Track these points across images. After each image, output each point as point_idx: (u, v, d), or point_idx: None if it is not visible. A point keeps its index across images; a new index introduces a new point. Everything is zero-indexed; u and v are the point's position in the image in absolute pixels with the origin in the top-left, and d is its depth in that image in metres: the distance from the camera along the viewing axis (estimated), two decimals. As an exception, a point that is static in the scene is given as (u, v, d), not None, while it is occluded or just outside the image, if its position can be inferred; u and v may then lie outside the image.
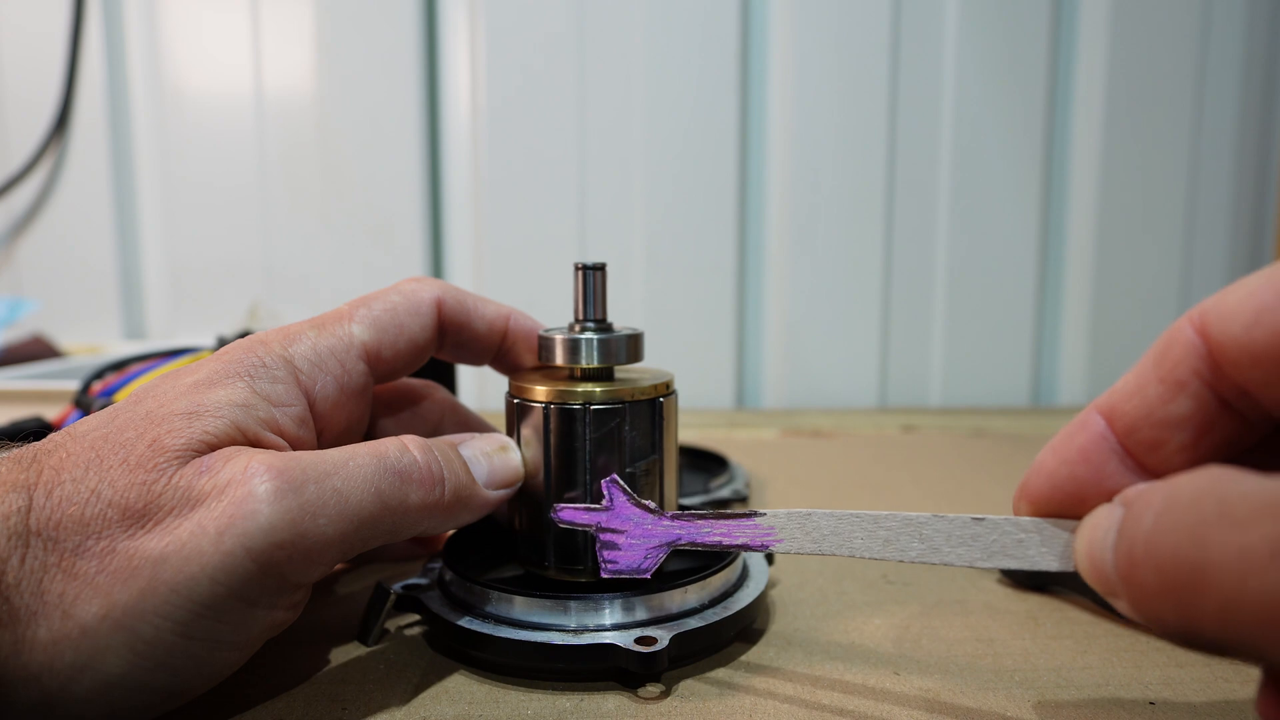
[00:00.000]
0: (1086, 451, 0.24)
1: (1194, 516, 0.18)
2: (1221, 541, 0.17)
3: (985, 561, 0.25)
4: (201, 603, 0.24)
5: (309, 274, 0.97)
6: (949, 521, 0.26)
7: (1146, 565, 0.19)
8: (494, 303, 0.37)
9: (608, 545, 0.31)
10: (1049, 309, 0.95)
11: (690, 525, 0.30)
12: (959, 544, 0.26)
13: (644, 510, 0.31)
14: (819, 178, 0.91)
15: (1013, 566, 0.25)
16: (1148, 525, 0.19)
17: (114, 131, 0.99)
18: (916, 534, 0.26)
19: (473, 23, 0.91)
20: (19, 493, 0.24)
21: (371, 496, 0.28)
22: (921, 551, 0.26)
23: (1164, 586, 0.19)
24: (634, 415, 0.33)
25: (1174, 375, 0.22)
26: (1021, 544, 0.25)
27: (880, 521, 0.27)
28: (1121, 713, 0.29)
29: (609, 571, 0.31)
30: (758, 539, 0.29)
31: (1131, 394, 0.23)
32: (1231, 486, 0.18)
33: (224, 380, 0.29)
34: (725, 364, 0.93)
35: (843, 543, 0.27)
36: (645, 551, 0.30)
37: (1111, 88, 0.90)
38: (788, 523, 0.28)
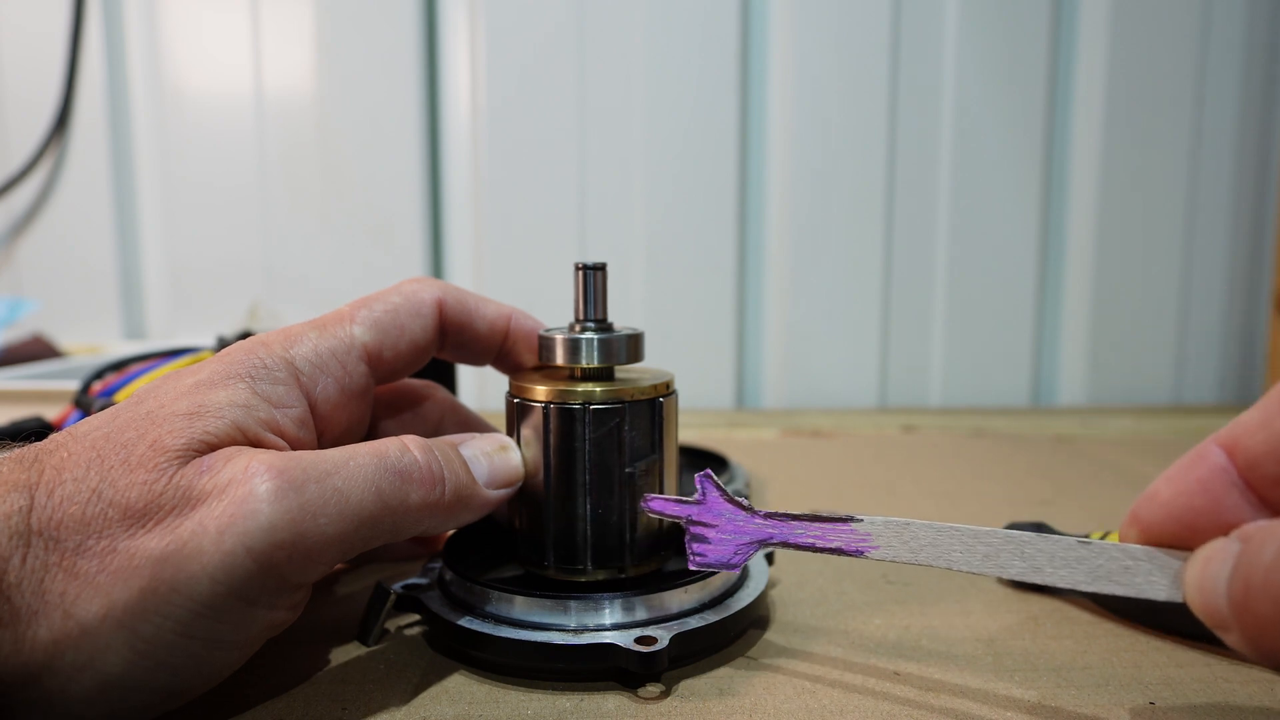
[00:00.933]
0: (1205, 483, 0.23)
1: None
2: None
3: (1089, 585, 0.25)
4: (202, 602, 0.24)
5: (309, 274, 0.97)
6: (1053, 543, 0.25)
7: (1265, 598, 0.19)
8: (495, 303, 0.36)
9: (697, 538, 0.31)
10: (1049, 309, 0.95)
11: (784, 525, 0.30)
12: (1062, 565, 0.25)
13: (737, 506, 0.31)
14: (819, 178, 0.91)
15: (1118, 593, 0.24)
16: (1268, 558, 0.19)
17: (114, 131, 0.99)
18: (1018, 552, 0.26)
19: (473, 23, 0.91)
20: (20, 492, 0.24)
21: (372, 496, 0.28)
22: (1023, 570, 0.26)
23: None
24: (634, 415, 0.33)
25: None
26: (1129, 570, 0.24)
27: (980, 537, 0.26)
28: (1121, 713, 0.29)
29: (697, 564, 0.31)
30: (853, 544, 0.28)
31: (1256, 428, 0.23)
32: None
33: (225, 381, 0.29)
34: (725, 364, 0.94)
35: (940, 554, 0.27)
36: (736, 547, 0.31)
37: (1111, 88, 0.90)
38: (884, 531, 0.28)
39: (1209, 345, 0.95)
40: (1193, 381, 0.95)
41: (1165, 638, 0.34)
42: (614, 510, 0.33)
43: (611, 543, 0.33)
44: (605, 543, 0.33)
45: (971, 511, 0.53)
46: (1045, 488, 0.58)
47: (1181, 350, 0.94)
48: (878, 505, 0.54)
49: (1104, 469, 0.62)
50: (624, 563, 0.34)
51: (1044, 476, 0.61)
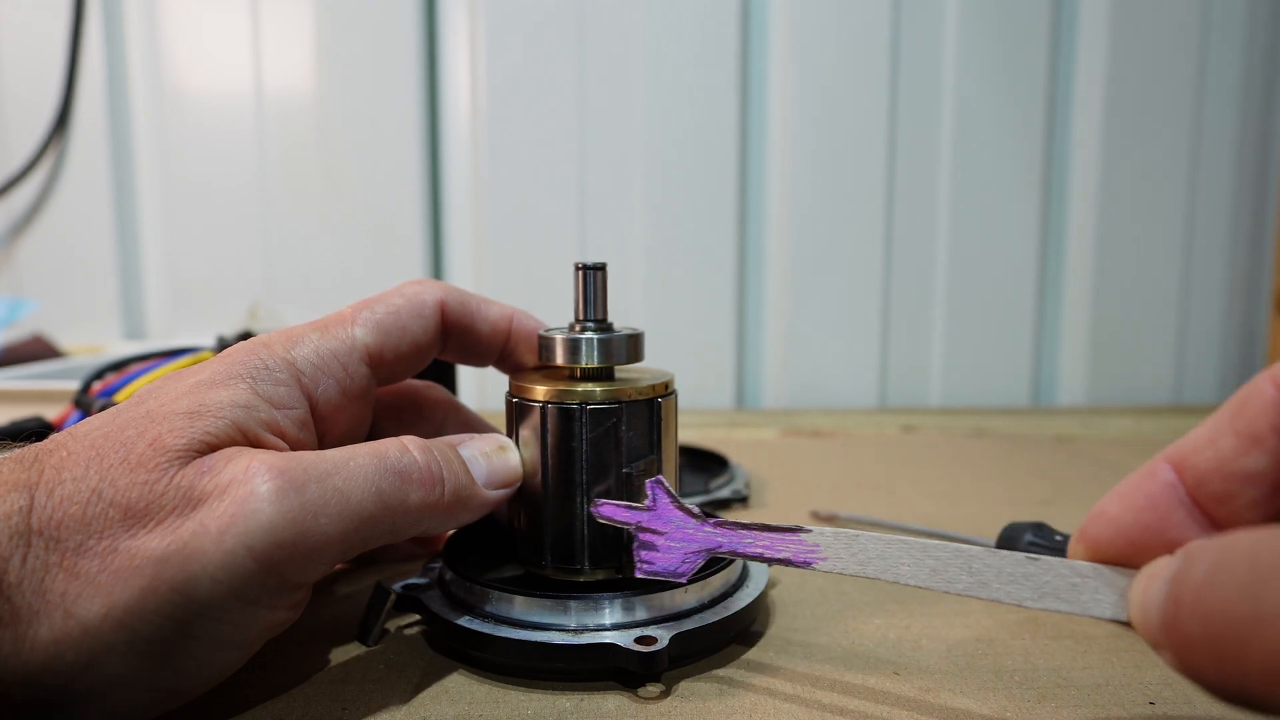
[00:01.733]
0: (1153, 499, 0.23)
1: (1249, 570, 0.18)
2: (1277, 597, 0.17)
3: (1035, 602, 0.25)
4: (203, 602, 0.24)
5: (309, 274, 0.97)
6: (1001, 558, 0.25)
7: (1193, 616, 0.19)
8: (497, 303, 0.36)
9: (646, 545, 0.31)
10: (1049, 309, 0.95)
11: (733, 534, 0.30)
12: (1009, 581, 0.25)
13: (686, 514, 0.31)
14: (819, 178, 0.91)
15: (1063, 610, 0.24)
16: (1198, 576, 0.19)
17: (114, 131, 0.99)
18: (966, 567, 0.26)
19: (472, 23, 0.91)
20: (20, 492, 0.24)
21: (372, 496, 0.28)
22: (969, 585, 0.25)
23: (1210, 639, 0.18)
24: (634, 415, 0.33)
25: (1251, 429, 0.22)
26: (1075, 588, 0.24)
27: (929, 550, 0.26)
28: (1121, 713, 0.29)
29: (644, 571, 0.31)
30: (800, 555, 0.28)
31: (1204, 445, 0.23)
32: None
33: (226, 381, 0.29)
34: (725, 364, 0.94)
35: (888, 567, 0.27)
36: (684, 555, 0.30)
37: (1111, 88, 0.90)
38: (834, 542, 0.28)
39: (1209, 345, 0.95)
40: (1193, 381, 0.95)
41: (1165, 638, 0.34)
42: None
43: (611, 542, 0.33)
44: (605, 542, 0.33)
45: (971, 511, 0.53)
46: (1045, 488, 0.58)
47: (1181, 350, 0.95)
48: (877, 505, 0.54)
49: (1104, 469, 0.62)
50: (623, 562, 0.34)
51: (1044, 476, 0.61)
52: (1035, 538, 0.39)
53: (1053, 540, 0.39)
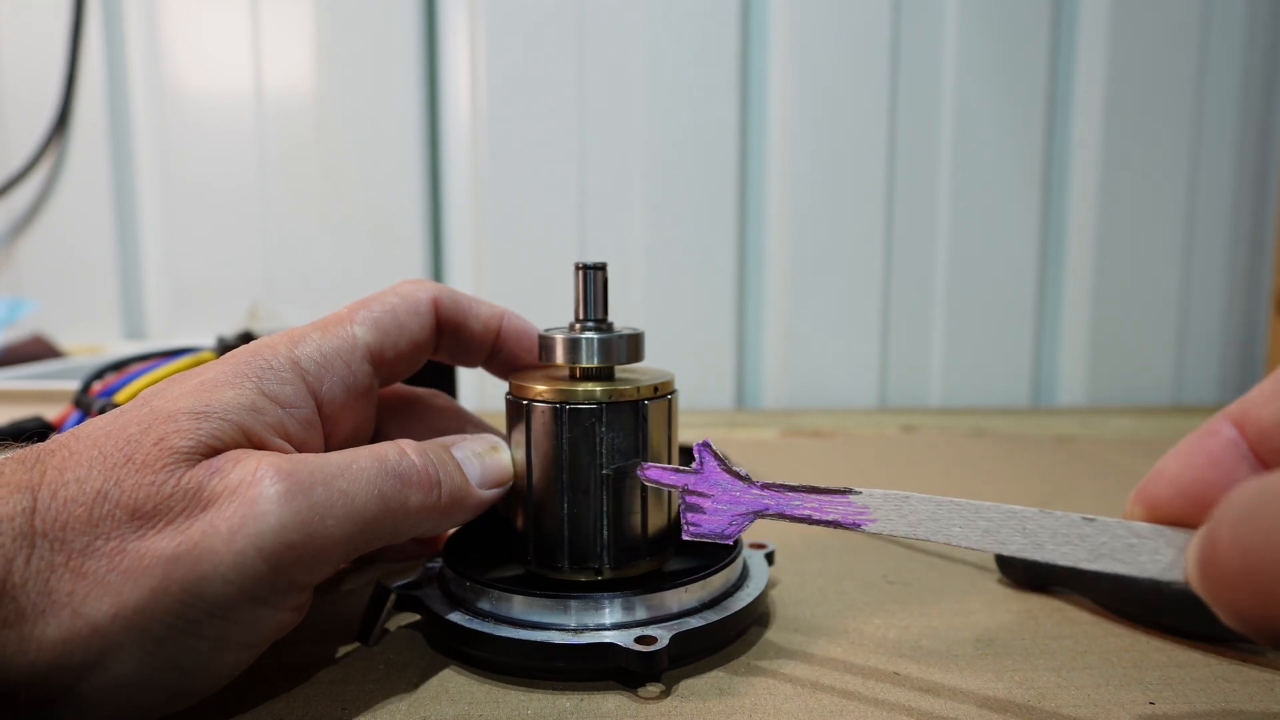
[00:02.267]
0: (1214, 457, 0.23)
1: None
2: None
3: (1091, 563, 0.24)
4: (213, 603, 0.25)
5: (309, 274, 0.97)
6: (1055, 519, 0.25)
7: (1231, 552, 0.18)
8: (488, 303, 0.37)
9: (692, 508, 0.31)
10: (1049, 309, 0.95)
11: (780, 496, 0.29)
12: (1064, 542, 0.24)
13: (734, 477, 0.30)
14: (819, 178, 0.91)
15: (1120, 571, 0.24)
16: (1237, 510, 0.18)
17: (114, 131, 0.99)
18: (1020, 528, 0.25)
19: (472, 23, 0.91)
20: (23, 493, 0.24)
21: (375, 498, 0.28)
22: (1023, 546, 0.25)
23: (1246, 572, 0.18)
24: (634, 415, 0.33)
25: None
26: (1133, 549, 0.23)
27: (981, 512, 0.26)
28: (1121, 713, 0.29)
29: (691, 534, 0.31)
30: (849, 516, 0.28)
31: (1268, 399, 0.22)
32: None
33: (232, 381, 0.29)
34: (725, 364, 0.94)
35: (939, 529, 0.26)
36: (731, 518, 0.30)
37: (1111, 88, 0.90)
38: (884, 503, 0.27)
39: (1209, 345, 0.95)
40: (1193, 381, 0.95)
41: (1165, 638, 0.34)
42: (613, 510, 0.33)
43: (610, 542, 0.33)
44: (604, 542, 0.33)
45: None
46: (1045, 488, 0.58)
47: (1181, 350, 0.95)
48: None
49: (1104, 469, 0.62)
50: (622, 561, 0.34)
51: (1044, 476, 0.61)
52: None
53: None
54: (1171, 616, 0.34)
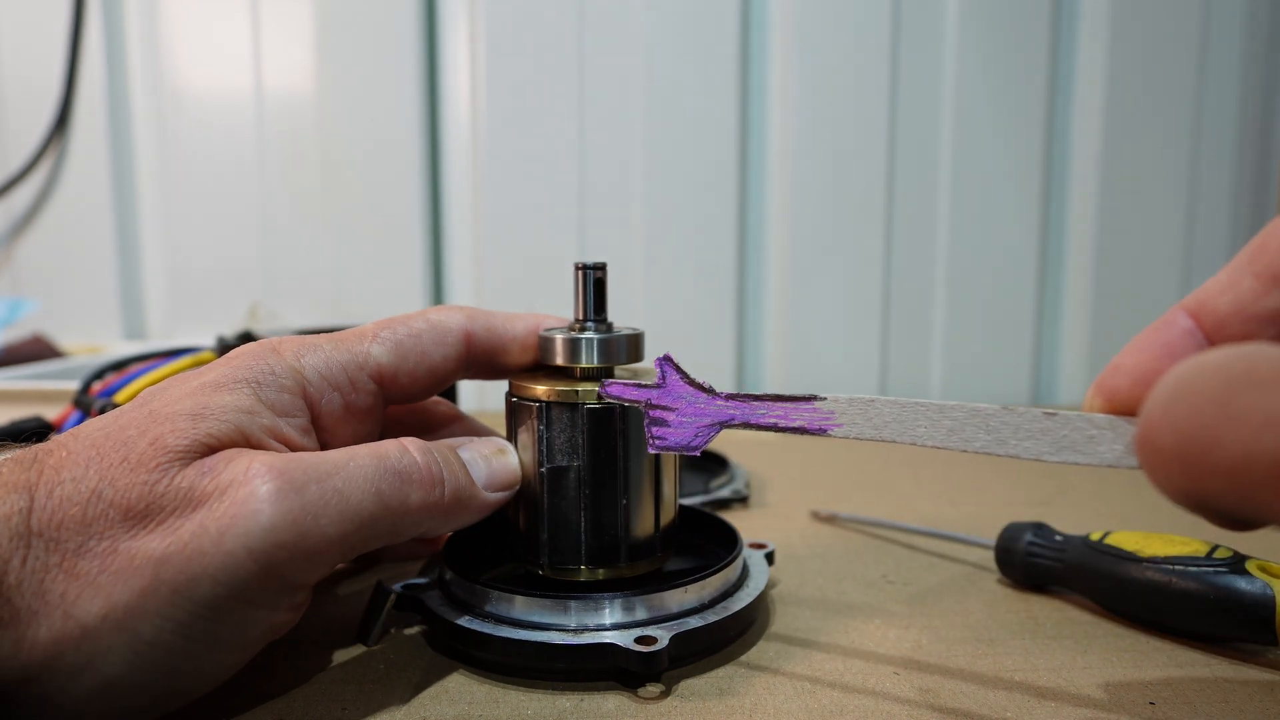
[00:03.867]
0: (1170, 347, 0.24)
1: (1219, 379, 0.18)
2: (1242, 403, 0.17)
3: (1053, 455, 0.25)
4: (203, 603, 0.24)
5: (309, 274, 0.97)
6: (1018, 415, 0.25)
7: (1164, 425, 0.19)
8: (520, 316, 0.36)
9: (657, 422, 0.30)
10: (1049, 309, 0.95)
11: (745, 406, 0.29)
12: (1027, 437, 0.25)
13: (697, 389, 0.30)
14: (819, 178, 0.91)
15: (1081, 461, 0.24)
16: (1169, 386, 0.19)
17: (114, 131, 0.99)
18: (983, 425, 0.26)
19: (473, 24, 0.91)
20: (20, 493, 0.24)
21: (372, 497, 0.28)
22: (987, 443, 0.25)
23: (1178, 446, 0.18)
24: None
25: (1270, 270, 0.22)
26: (1093, 440, 0.24)
27: (945, 411, 0.26)
28: (1121, 713, 0.29)
29: (656, 447, 0.30)
30: (815, 422, 0.28)
31: (1223, 289, 0.23)
32: (1263, 353, 0.18)
33: (231, 385, 0.29)
34: (725, 363, 0.93)
35: (905, 430, 0.27)
36: (696, 430, 0.30)
37: (1111, 88, 0.90)
38: (849, 408, 0.28)
39: (1209, 345, 0.95)
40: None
41: (1165, 638, 0.34)
42: (613, 509, 0.33)
43: (610, 542, 0.33)
44: (604, 542, 0.33)
45: (971, 511, 0.53)
46: (1045, 488, 0.58)
47: (1181, 350, 0.94)
48: (878, 505, 0.54)
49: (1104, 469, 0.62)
50: (622, 562, 0.34)
51: (1044, 476, 0.61)
52: (1035, 538, 0.39)
53: (1053, 540, 0.39)
54: (1171, 616, 0.34)
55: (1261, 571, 0.32)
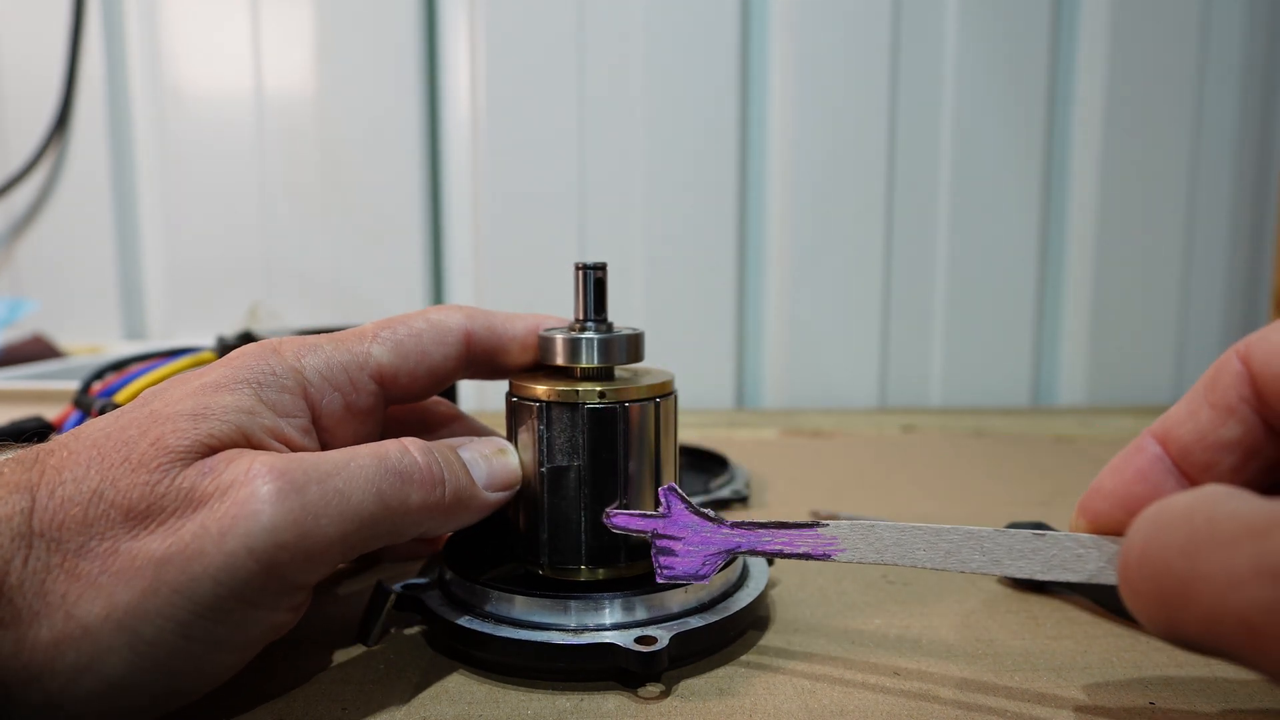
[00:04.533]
0: (1143, 472, 0.26)
1: (1185, 533, 0.20)
2: (1207, 559, 0.19)
3: (1045, 574, 0.26)
4: (204, 604, 0.24)
5: (309, 274, 0.97)
6: (1010, 536, 0.27)
7: (1142, 575, 0.20)
8: (520, 316, 0.36)
9: (664, 551, 0.31)
10: (1049, 309, 0.95)
11: (751, 534, 0.30)
12: (1019, 557, 0.27)
13: (702, 518, 0.31)
14: (819, 177, 0.91)
15: (1072, 579, 0.26)
16: (1143, 538, 0.21)
17: (114, 131, 0.99)
18: (978, 547, 0.27)
19: (473, 23, 0.91)
20: (22, 494, 0.24)
21: (373, 497, 0.28)
22: (982, 564, 0.27)
23: (1157, 595, 0.20)
24: (634, 415, 0.33)
25: (1223, 402, 0.24)
26: (1080, 558, 0.26)
27: (943, 535, 0.28)
28: (1121, 713, 0.29)
29: (665, 577, 0.31)
30: (819, 548, 0.29)
31: (1184, 419, 0.25)
32: (1223, 506, 0.19)
33: (232, 385, 0.29)
34: (725, 364, 0.94)
35: (905, 554, 0.28)
36: (703, 558, 0.31)
37: (1111, 88, 0.90)
38: (850, 534, 0.29)
39: (1209, 345, 0.95)
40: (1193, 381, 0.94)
41: (1165, 638, 0.34)
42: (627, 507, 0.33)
43: (610, 542, 0.34)
44: (604, 542, 0.33)
45: (972, 511, 0.53)
46: (1045, 488, 0.58)
47: (1181, 350, 0.94)
48: (878, 505, 0.54)
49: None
50: (622, 562, 0.34)
51: (1044, 476, 0.61)
52: (1035, 538, 0.39)
53: (1053, 540, 0.39)
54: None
55: (1261, 572, 0.32)
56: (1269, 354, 0.23)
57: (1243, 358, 0.24)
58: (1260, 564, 0.18)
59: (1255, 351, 0.23)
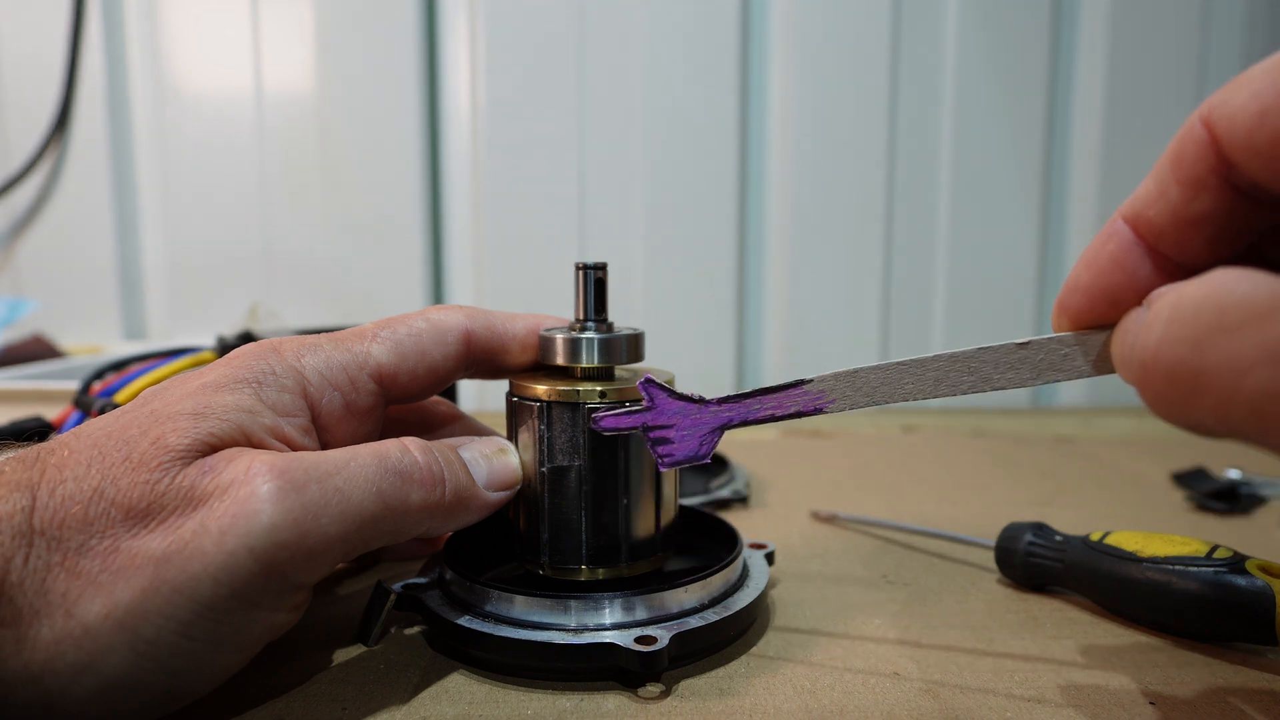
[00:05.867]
0: (1118, 259, 0.25)
1: (1194, 326, 0.20)
2: (1216, 347, 0.19)
3: (1036, 380, 0.26)
4: (203, 603, 0.24)
5: (309, 273, 0.97)
6: (995, 351, 0.27)
7: (1156, 371, 0.21)
8: (520, 316, 0.36)
9: (659, 441, 0.31)
10: (1049, 308, 0.95)
11: (739, 406, 0.30)
12: (1007, 369, 0.26)
13: (688, 402, 0.31)
14: (819, 178, 0.91)
15: (1062, 380, 0.26)
16: (1156, 335, 0.21)
17: (114, 131, 0.99)
18: (965, 368, 0.27)
19: (473, 23, 0.91)
20: (23, 492, 0.24)
21: (373, 496, 0.28)
22: (973, 383, 0.27)
23: (1171, 389, 0.21)
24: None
25: (1192, 176, 0.23)
26: (1067, 358, 0.26)
27: (926, 365, 0.27)
28: (1121, 713, 0.29)
29: (666, 465, 0.31)
30: (810, 404, 0.29)
31: (1154, 199, 0.24)
32: (1230, 293, 0.19)
33: (232, 385, 0.29)
34: (725, 363, 0.93)
35: (894, 390, 0.28)
36: (699, 439, 0.31)
37: (1111, 88, 0.90)
38: (836, 384, 0.29)
39: (1209, 345, 0.95)
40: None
41: (1165, 638, 0.34)
42: (613, 509, 0.33)
43: (610, 542, 0.34)
44: (604, 542, 0.33)
45: (971, 511, 0.53)
46: (1045, 488, 0.58)
47: (1181, 350, 0.94)
48: (878, 505, 0.54)
49: (1104, 469, 0.62)
50: (622, 562, 0.34)
51: (1044, 476, 0.61)
52: (1035, 538, 0.39)
53: (1053, 540, 0.39)
54: (1171, 616, 0.34)
55: (1261, 571, 0.32)
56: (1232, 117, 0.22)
57: (1206, 123, 0.22)
58: (1265, 348, 0.18)
59: (1218, 116, 0.22)
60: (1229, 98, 0.22)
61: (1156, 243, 0.25)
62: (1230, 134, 0.22)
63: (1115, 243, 0.25)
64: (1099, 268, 0.25)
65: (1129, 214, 0.25)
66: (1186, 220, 0.24)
